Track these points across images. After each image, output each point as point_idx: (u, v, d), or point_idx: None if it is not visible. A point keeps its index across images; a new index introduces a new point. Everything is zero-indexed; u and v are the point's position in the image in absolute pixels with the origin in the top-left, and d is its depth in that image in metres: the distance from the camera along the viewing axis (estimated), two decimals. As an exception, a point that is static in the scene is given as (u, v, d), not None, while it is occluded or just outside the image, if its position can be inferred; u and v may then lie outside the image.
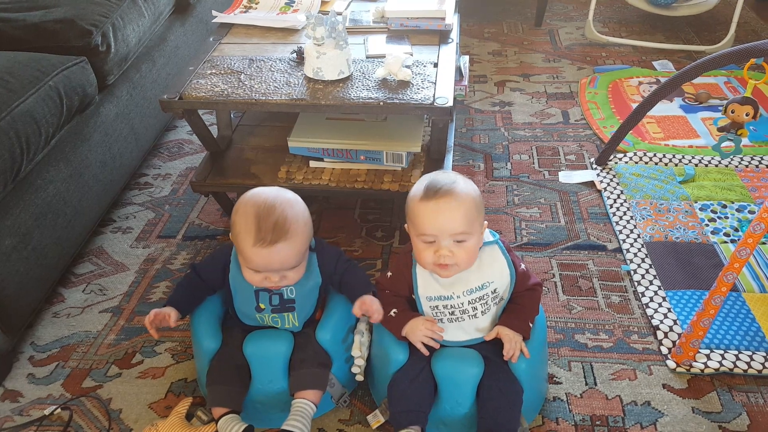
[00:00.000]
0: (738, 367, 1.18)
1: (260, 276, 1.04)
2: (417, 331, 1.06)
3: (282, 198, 1.03)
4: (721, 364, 1.19)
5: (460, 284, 1.05)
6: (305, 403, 1.06)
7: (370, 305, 1.06)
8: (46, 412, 1.17)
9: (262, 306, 1.11)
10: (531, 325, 1.08)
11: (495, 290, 1.06)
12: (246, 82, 1.36)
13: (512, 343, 1.04)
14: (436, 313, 1.08)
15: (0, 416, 1.18)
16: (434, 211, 1.00)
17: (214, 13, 1.66)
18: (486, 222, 1.06)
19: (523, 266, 1.10)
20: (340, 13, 1.60)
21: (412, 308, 1.11)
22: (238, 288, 1.11)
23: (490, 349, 1.08)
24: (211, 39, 1.57)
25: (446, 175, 1.04)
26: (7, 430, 1.15)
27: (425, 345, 1.06)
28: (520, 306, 1.09)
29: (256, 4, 1.69)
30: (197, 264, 1.15)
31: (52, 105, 1.32)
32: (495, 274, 1.06)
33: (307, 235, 1.04)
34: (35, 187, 1.30)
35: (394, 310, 1.09)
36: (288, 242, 1.00)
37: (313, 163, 1.47)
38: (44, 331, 1.36)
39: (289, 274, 1.04)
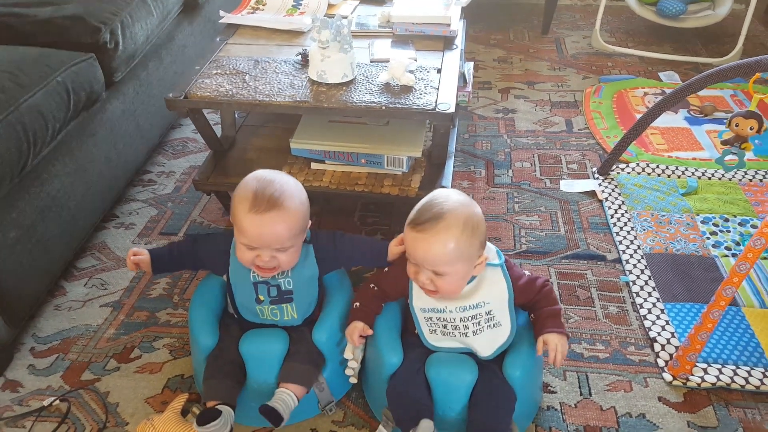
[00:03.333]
0: (735, 382, 1.18)
1: (252, 254, 1.05)
2: (349, 329, 1.10)
3: (281, 177, 1.07)
4: (719, 379, 1.18)
5: (454, 300, 1.05)
6: (288, 394, 1.06)
7: None
8: (45, 403, 1.19)
9: (261, 297, 1.12)
10: (562, 320, 1.08)
11: (490, 312, 1.06)
12: (251, 83, 1.38)
13: (555, 344, 1.03)
14: (430, 324, 1.08)
15: (0, 405, 1.20)
16: (415, 241, 0.99)
17: (221, 13, 1.67)
18: (486, 255, 1.04)
19: (525, 276, 1.09)
20: (346, 17, 1.61)
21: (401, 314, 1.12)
22: (238, 280, 1.13)
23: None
24: (217, 39, 1.59)
25: (438, 204, 0.99)
26: (6, 419, 1.17)
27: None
28: (544, 309, 1.08)
29: (263, 5, 1.70)
30: (199, 237, 1.17)
31: (60, 100, 1.33)
32: (493, 295, 1.05)
33: (301, 216, 1.06)
34: (40, 181, 1.32)
35: (357, 303, 1.12)
36: (281, 213, 1.01)
37: (314, 165, 1.48)
38: (46, 323, 1.38)
39: (281, 257, 1.05)
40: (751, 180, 1.74)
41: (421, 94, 1.32)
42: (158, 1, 1.72)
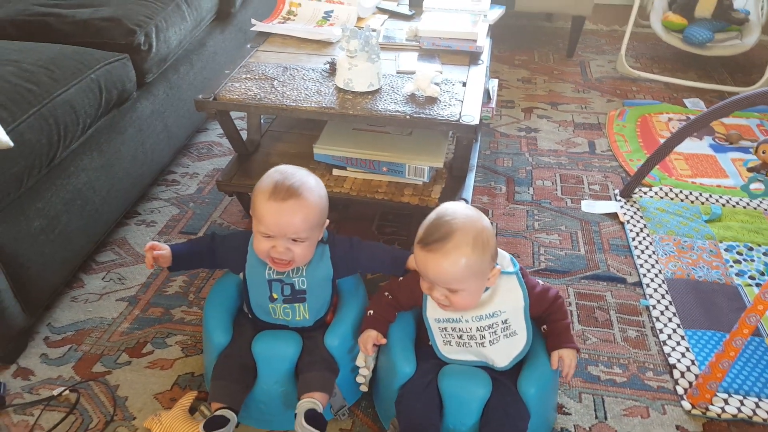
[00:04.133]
0: (757, 414, 1.15)
1: (268, 243, 1.06)
2: (362, 337, 1.10)
3: (302, 171, 1.09)
4: (740, 410, 1.15)
5: (470, 309, 1.04)
6: (314, 402, 1.05)
7: None
8: (55, 392, 1.19)
9: (275, 296, 1.13)
10: (572, 333, 1.09)
11: (506, 320, 1.05)
12: (278, 89, 1.40)
13: (569, 361, 1.05)
14: (445, 335, 1.07)
15: (11, 392, 1.21)
16: (425, 260, 0.98)
17: (253, 21, 1.71)
18: (498, 266, 1.03)
19: (539, 285, 1.08)
20: (375, 30, 1.63)
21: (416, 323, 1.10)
22: (254, 278, 1.14)
23: (500, 371, 1.07)
24: (248, 46, 1.62)
25: (446, 221, 0.97)
26: (15, 406, 1.18)
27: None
28: (558, 322, 1.08)
29: (295, 16, 1.74)
30: (217, 234, 1.18)
31: (92, 97, 1.36)
32: (508, 304, 1.04)
33: (319, 209, 1.07)
34: (68, 174, 1.34)
35: (371, 311, 1.12)
36: (299, 202, 1.03)
37: (336, 171, 1.49)
38: (61, 313, 1.39)
39: (296, 249, 1.06)
40: (776, 210, 1.71)
41: (445, 105, 1.33)
42: (192, 7, 1.76)
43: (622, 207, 1.72)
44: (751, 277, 1.47)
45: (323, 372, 1.10)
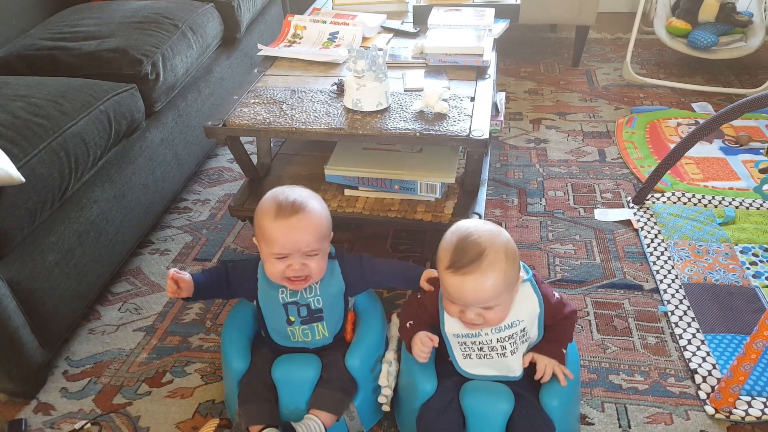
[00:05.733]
0: (783, 416, 1.13)
1: (282, 264, 1.05)
2: (414, 345, 1.07)
3: (299, 188, 1.10)
4: (764, 413, 1.14)
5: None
6: (315, 421, 1.05)
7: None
8: (77, 426, 1.19)
9: (292, 318, 1.12)
10: (565, 351, 1.06)
11: (524, 329, 1.04)
12: (287, 112, 1.40)
13: (545, 365, 1.03)
14: (464, 348, 1.07)
15: (32, 428, 1.20)
16: (461, 285, 0.95)
17: (259, 46, 1.72)
18: (521, 275, 1.03)
19: (557, 296, 1.08)
20: (381, 49, 1.64)
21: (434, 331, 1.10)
22: (268, 304, 1.14)
23: (521, 385, 1.06)
24: (255, 70, 1.63)
25: (473, 241, 0.95)
26: (37, 442, 1.18)
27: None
28: (554, 333, 1.07)
29: (300, 39, 1.75)
30: (228, 263, 1.18)
31: (102, 128, 1.38)
32: (525, 312, 1.04)
33: (325, 219, 1.08)
34: (80, 206, 1.35)
35: (410, 322, 1.11)
36: (307, 215, 1.04)
37: (348, 192, 1.49)
38: (79, 346, 1.39)
39: (311, 264, 1.06)
40: (791, 210, 1.69)
41: (454, 121, 1.33)
42: (198, 35, 1.78)
43: (635, 214, 1.71)
44: (769, 279, 1.46)
45: (336, 392, 1.09)
